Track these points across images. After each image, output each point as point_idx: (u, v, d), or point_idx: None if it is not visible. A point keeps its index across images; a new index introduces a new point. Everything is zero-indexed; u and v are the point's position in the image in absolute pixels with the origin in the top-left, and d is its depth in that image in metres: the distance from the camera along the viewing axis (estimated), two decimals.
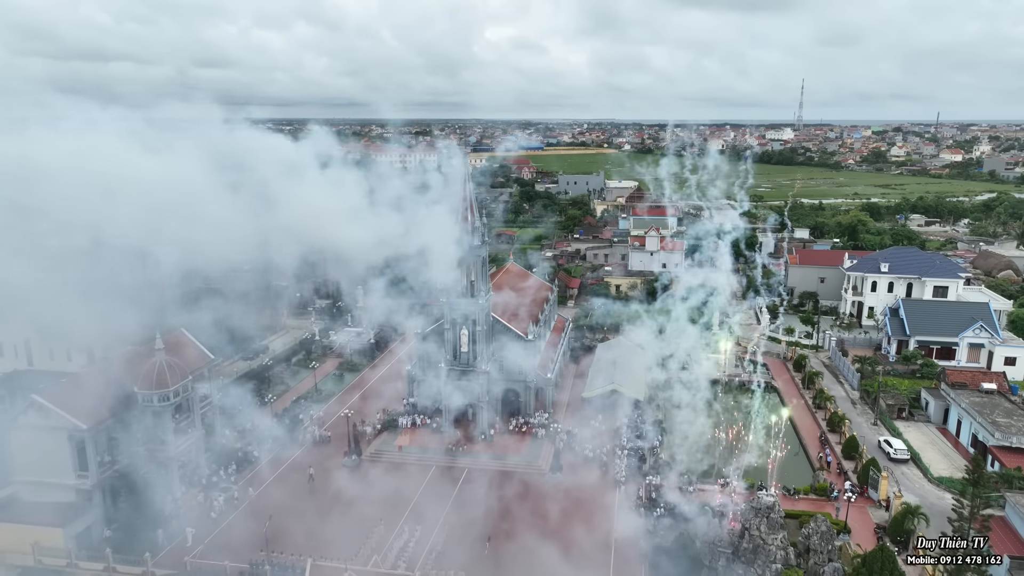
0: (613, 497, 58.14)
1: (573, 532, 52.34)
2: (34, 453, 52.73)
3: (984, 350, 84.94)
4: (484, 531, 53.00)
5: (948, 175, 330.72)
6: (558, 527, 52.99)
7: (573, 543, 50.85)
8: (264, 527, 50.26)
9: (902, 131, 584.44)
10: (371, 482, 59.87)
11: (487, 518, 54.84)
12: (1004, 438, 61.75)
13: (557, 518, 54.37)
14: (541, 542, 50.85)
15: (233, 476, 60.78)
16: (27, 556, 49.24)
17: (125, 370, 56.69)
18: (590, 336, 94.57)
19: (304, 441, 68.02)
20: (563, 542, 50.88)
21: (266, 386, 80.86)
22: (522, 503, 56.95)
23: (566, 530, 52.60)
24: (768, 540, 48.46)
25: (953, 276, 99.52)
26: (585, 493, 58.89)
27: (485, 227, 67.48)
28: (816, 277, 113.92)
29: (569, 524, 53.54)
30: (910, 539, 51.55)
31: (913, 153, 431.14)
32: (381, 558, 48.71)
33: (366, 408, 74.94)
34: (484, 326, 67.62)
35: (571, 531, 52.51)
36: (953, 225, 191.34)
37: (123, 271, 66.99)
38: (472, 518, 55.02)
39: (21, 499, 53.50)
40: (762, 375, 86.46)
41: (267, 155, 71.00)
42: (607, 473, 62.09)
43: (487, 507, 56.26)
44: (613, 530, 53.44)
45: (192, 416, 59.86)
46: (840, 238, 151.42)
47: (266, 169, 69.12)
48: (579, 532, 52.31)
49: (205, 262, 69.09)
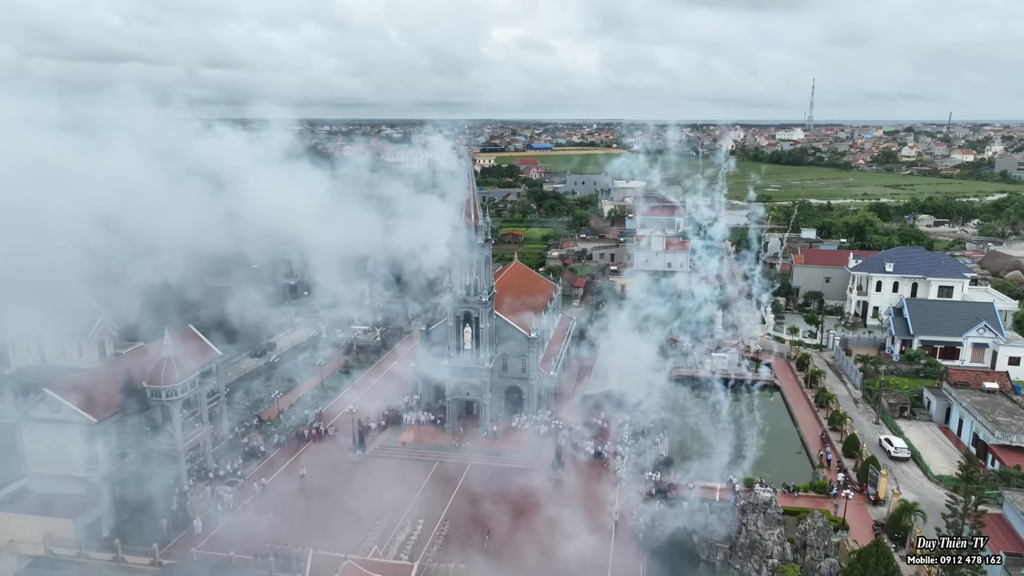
0: (613, 493, 58.77)
1: (572, 526, 52.93)
2: (45, 446, 53.93)
3: (988, 350, 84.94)
4: (485, 525, 53.80)
5: (959, 175, 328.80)
6: (557, 521, 53.61)
7: (572, 537, 51.50)
8: (268, 519, 51.24)
9: (914, 131, 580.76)
10: (375, 477, 60.81)
11: (488, 512, 55.61)
12: (1004, 437, 61.98)
13: (556, 513, 54.98)
14: (540, 535, 51.63)
15: (239, 470, 61.83)
16: (38, 546, 50.47)
17: (134, 366, 57.85)
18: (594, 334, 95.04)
19: (309, 436, 68.98)
20: (562, 536, 51.55)
21: (273, 382, 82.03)
22: (523, 498, 57.64)
23: (565, 524, 53.21)
24: (765, 535, 49.03)
25: (958, 276, 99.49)
26: (585, 489, 59.57)
27: (488, 225, 68.16)
28: (821, 277, 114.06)
29: (568, 518, 54.12)
30: (907, 536, 52.03)
31: (924, 153, 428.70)
32: (383, 550, 49.56)
33: (371, 404, 75.87)
34: (487, 324, 68.39)
35: (570, 525, 53.10)
36: (962, 225, 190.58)
37: (135, 270, 69.04)
38: (474, 512, 55.88)
39: (33, 491, 54.76)
40: (764, 374, 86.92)
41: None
42: (608, 469, 62.74)
43: (489, 502, 57.03)
44: (612, 525, 54.15)
45: (200, 411, 60.99)
46: (847, 238, 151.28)
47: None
48: (578, 526, 52.92)
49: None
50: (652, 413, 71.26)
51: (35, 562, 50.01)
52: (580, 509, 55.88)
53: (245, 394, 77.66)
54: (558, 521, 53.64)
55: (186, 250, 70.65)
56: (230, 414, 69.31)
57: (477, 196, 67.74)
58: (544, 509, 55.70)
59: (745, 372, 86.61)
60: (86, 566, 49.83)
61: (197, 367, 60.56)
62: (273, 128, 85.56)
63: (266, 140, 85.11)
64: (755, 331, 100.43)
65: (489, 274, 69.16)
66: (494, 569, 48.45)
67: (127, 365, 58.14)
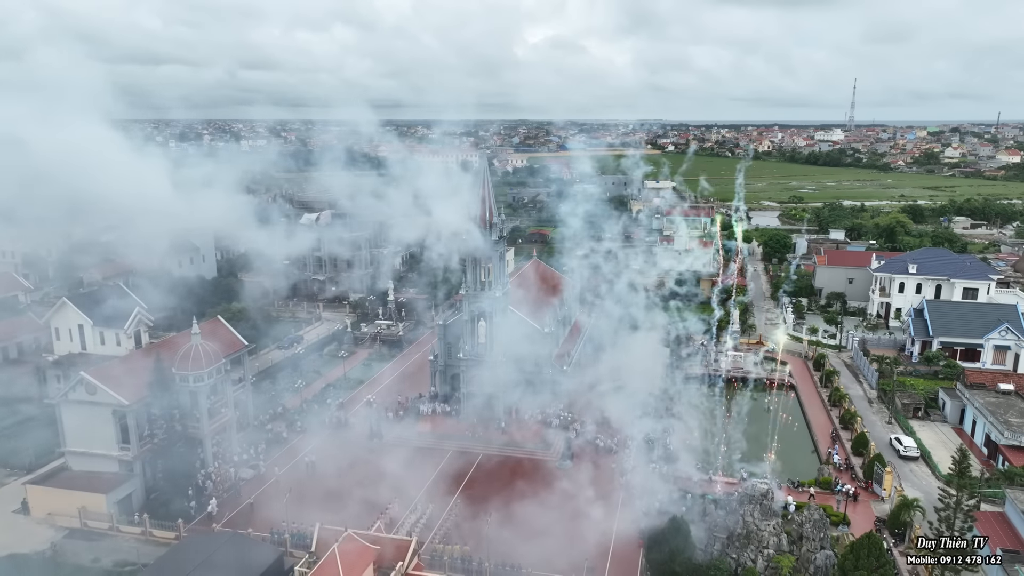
0: (619, 484, 60.26)
1: (576, 514, 54.68)
2: (82, 426, 57.76)
3: (1010, 352, 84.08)
4: (492, 511, 55.77)
5: (1004, 177, 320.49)
6: (562, 510, 55.39)
7: (575, 524, 53.24)
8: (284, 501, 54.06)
9: (960, 131, 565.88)
10: (390, 464, 63.26)
11: (496, 500, 57.56)
12: (1014, 437, 61.88)
13: (562, 502, 56.73)
14: (544, 522, 53.42)
15: (262, 455, 64.93)
16: (74, 519, 54.14)
17: (165, 354, 61.33)
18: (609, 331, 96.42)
19: (330, 425, 71.88)
20: (565, 523, 53.32)
21: (298, 373, 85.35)
22: (530, 487, 59.28)
23: (569, 512, 54.97)
24: (761, 526, 50.15)
25: (983, 278, 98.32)
26: (592, 480, 61.00)
27: (503, 223, 70.20)
28: (844, 278, 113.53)
29: (573, 507, 55.87)
30: (907, 531, 52.62)
31: (969, 154, 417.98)
32: (394, 532, 51.97)
33: (392, 396, 78.59)
34: (501, 319, 70.43)
35: (574, 514, 54.84)
36: (1000, 228, 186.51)
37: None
38: (482, 500, 57.88)
39: (70, 467, 58.68)
40: (781, 373, 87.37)
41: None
42: (616, 462, 64.20)
43: (497, 490, 59.02)
44: (615, 514, 55.65)
45: (226, 397, 64.24)
46: (877, 240, 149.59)
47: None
48: (581, 514, 54.63)
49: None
50: (664, 409, 72.50)
51: (71, 534, 53.61)
52: (585, 498, 57.51)
53: (271, 383, 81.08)
54: (563, 509, 55.40)
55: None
56: (255, 402, 72.62)
57: (492, 194, 69.78)
58: (550, 498, 57.37)
59: (761, 371, 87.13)
60: (117, 539, 53.24)
61: (224, 356, 63.86)
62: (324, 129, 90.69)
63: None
64: (774, 331, 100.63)
65: (503, 270, 71.16)
66: (497, 551, 50.39)
67: (158, 353, 61.63)
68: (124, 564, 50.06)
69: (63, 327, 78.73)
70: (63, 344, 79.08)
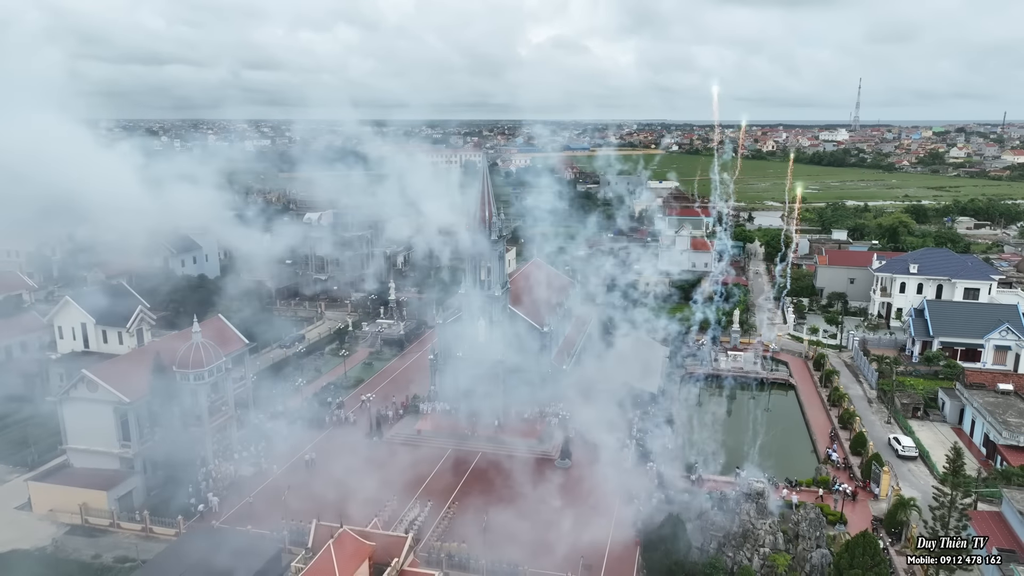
0: (617, 483, 60.39)
1: (573, 513, 54.95)
2: (84, 424, 58.24)
3: (1011, 352, 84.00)
4: (490, 509, 56.06)
5: (1009, 177, 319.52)
6: (559, 508, 55.69)
7: (572, 523, 53.47)
8: (283, 498, 54.42)
9: (965, 131, 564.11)
10: (389, 462, 63.65)
11: (494, 498, 57.89)
12: (1012, 437, 61.90)
13: (559, 500, 57.03)
14: (542, 520, 53.74)
15: (262, 453, 65.30)
16: (75, 515, 54.59)
17: (167, 352, 61.74)
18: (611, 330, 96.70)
19: (330, 423, 72.24)
20: (563, 521, 53.58)
21: (299, 372, 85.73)
22: (528, 486, 59.55)
23: (567, 511, 55.25)
24: (757, 525, 50.33)
25: (984, 278, 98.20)
26: (590, 479, 61.27)
27: (502, 222, 70.45)
28: (845, 278, 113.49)
29: (570, 506, 56.19)
30: (903, 531, 52.73)
31: (974, 154, 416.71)
32: (392, 529, 52.24)
33: (392, 394, 78.92)
34: (501, 317, 70.66)
35: (571, 512, 55.12)
36: (1004, 228, 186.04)
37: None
38: (480, 498, 58.19)
39: (72, 464, 59.16)
40: (780, 373, 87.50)
41: None
42: (614, 462, 64.35)
43: (495, 488, 59.35)
44: (612, 513, 55.86)
45: (226, 395, 64.65)
46: (880, 240, 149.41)
47: None
48: (579, 513, 54.91)
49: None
50: (663, 408, 72.70)
51: (72, 530, 54.07)
52: (582, 497, 57.86)
53: (272, 382, 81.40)
54: (560, 507, 55.73)
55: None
56: (256, 400, 72.99)
57: (491, 194, 70.00)
58: (548, 496, 57.72)
59: (761, 371, 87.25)
60: (118, 535, 53.69)
61: (225, 354, 64.25)
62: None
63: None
64: (775, 331, 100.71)
65: (502, 269, 71.41)
66: (495, 548, 50.66)
67: (160, 351, 62.05)
68: (124, 560, 50.45)
69: (66, 325, 79.14)
70: (66, 342, 79.53)
